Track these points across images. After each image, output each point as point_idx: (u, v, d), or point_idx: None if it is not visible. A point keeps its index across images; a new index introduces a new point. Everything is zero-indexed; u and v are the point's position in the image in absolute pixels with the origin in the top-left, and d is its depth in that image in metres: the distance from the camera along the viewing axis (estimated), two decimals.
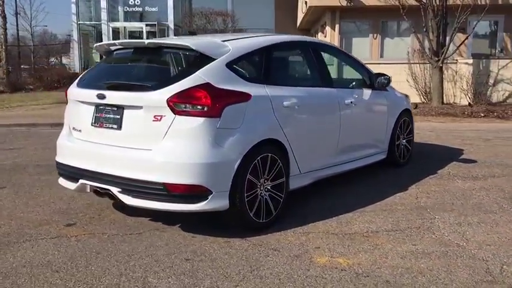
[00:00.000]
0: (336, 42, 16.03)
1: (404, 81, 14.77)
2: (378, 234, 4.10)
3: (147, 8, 22.95)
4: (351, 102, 5.26)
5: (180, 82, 3.79)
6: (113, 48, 4.61)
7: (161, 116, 3.75)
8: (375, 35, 16.68)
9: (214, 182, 3.76)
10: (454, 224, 4.35)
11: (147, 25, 22.77)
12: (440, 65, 13.93)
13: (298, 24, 23.34)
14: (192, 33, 5.49)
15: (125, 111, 3.96)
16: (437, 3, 13.42)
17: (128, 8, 23.08)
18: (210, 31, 20.87)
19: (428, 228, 4.22)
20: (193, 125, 3.71)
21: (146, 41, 4.14)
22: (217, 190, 3.77)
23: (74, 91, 4.43)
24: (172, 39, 4.19)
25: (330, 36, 16.60)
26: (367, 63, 5.93)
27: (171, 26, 22.82)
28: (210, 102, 3.72)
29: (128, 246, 3.85)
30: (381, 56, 16.64)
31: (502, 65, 14.93)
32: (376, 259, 3.59)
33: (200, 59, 3.96)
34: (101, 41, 23.97)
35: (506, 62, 15.00)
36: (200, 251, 3.74)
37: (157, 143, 3.78)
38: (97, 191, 4.13)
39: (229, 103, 3.85)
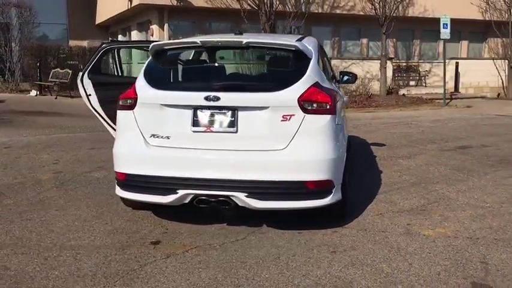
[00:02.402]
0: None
1: None
2: (428, 207, 4.83)
3: None
4: (344, 98, 5.86)
5: (300, 81, 3.82)
6: (166, 47, 4.21)
7: (290, 116, 3.74)
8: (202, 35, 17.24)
9: (337, 176, 3.94)
10: (463, 191, 5.36)
11: None
12: None
13: (99, 20, 22.25)
14: (240, 33, 5.07)
15: (240, 112, 3.77)
16: (268, 9, 14.80)
17: None
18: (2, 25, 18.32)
19: (453, 198, 5.13)
20: (321, 122, 3.81)
21: (244, 40, 3.97)
22: (337, 183, 3.96)
23: (154, 93, 3.90)
24: (267, 38, 4.09)
25: (158, 35, 16.53)
26: None
27: None
28: (330, 100, 3.87)
29: (256, 251, 3.73)
30: None
31: None
32: (462, 225, 4.31)
33: (302, 59, 4.03)
34: None
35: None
36: (328, 243, 3.87)
37: (285, 142, 3.75)
38: (202, 200, 3.81)
39: (337, 101, 4.06)
